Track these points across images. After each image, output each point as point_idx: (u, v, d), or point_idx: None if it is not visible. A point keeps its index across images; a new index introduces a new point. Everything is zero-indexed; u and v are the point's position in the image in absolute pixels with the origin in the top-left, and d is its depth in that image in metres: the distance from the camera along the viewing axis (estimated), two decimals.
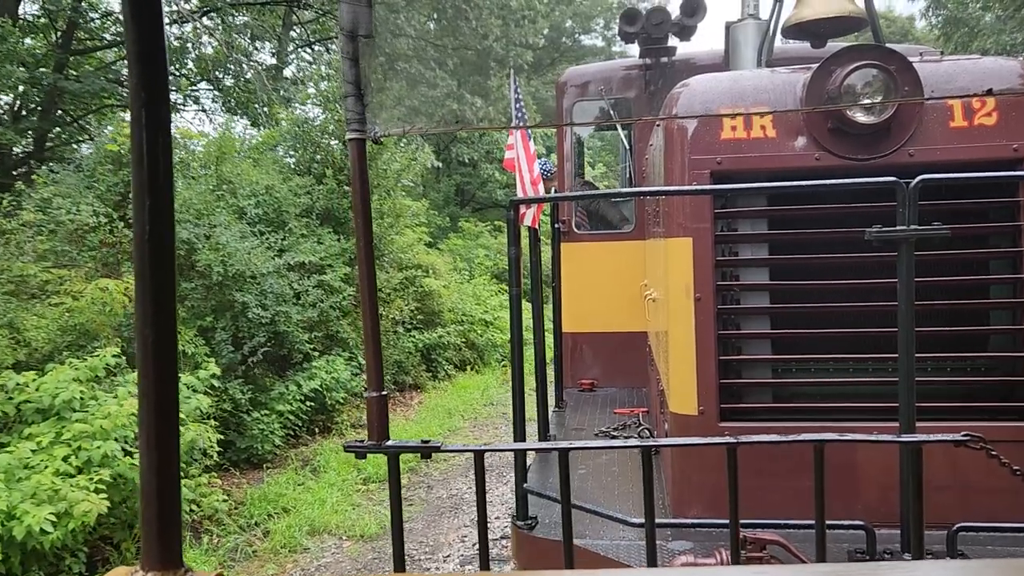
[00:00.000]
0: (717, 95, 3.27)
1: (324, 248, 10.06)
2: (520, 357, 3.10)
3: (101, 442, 5.57)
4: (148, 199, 1.04)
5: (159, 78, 1.04)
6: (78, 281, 7.49)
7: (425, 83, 20.01)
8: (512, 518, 3.33)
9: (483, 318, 14.31)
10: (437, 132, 15.95)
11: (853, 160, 3.06)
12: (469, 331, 14.12)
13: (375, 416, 2.40)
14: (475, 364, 13.98)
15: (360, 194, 2.38)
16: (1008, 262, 3.00)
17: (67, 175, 8.69)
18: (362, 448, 2.41)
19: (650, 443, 2.28)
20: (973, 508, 2.82)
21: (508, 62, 22.44)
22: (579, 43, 36.30)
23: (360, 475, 8.30)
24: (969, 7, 20.90)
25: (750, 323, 3.19)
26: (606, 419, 5.15)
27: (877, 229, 2.37)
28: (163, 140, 1.04)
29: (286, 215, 9.83)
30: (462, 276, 16.34)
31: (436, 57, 18.87)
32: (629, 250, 6.18)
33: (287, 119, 11.40)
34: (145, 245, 1.04)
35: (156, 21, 1.03)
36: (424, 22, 19.35)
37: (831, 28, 4.08)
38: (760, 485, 2.95)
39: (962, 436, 2.20)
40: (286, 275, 8.94)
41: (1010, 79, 3.05)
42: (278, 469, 8.57)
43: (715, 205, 3.14)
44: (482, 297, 15.59)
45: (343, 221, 11.18)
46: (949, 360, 3.02)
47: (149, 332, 1.05)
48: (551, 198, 5.55)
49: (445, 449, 2.34)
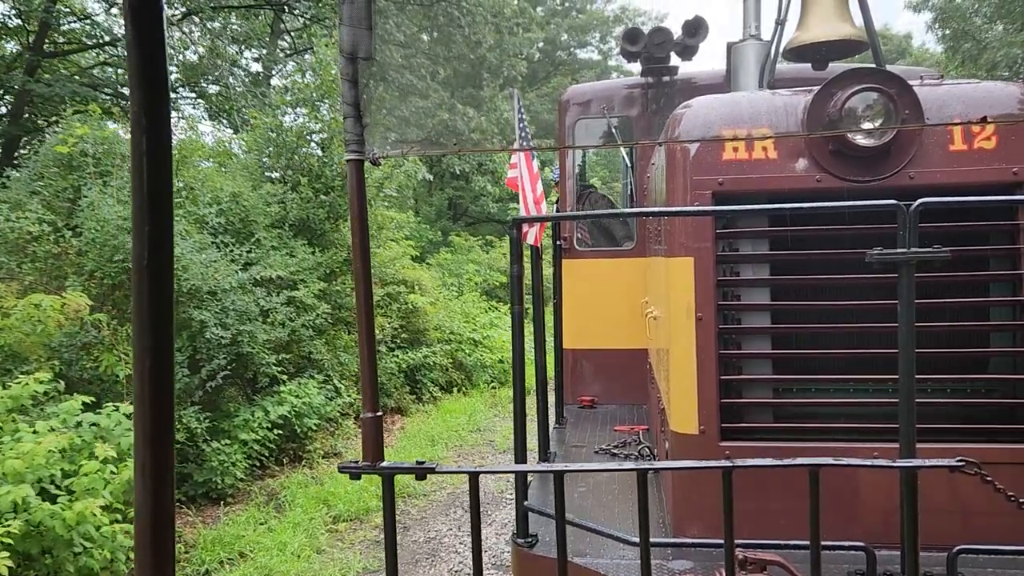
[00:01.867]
0: (719, 116, 3.38)
1: (296, 261, 9.17)
2: (522, 376, 3.16)
3: (11, 487, 4.64)
4: (148, 224, 1.07)
5: (161, 104, 1.07)
6: (10, 296, 6.56)
7: (416, 93, 19.20)
8: (512, 535, 3.35)
9: (472, 337, 13.56)
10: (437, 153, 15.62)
11: (854, 182, 3.17)
12: (457, 351, 13.71)
13: (370, 436, 2.44)
14: (462, 386, 13.25)
15: (358, 214, 2.45)
16: (1008, 285, 3.12)
17: (16, 180, 7.80)
18: (356, 469, 2.45)
19: (645, 466, 2.32)
20: (973, 530, 2.86)
21: (502, 72, 21.68)
22: (575, 56, 35.45)
23: (329, 512, 7.65)
24: (976, 19, 20.17)
25: (751, 343, 3.28)
26: (606, 436, 5.24)
27: (878, 251, 2.45)
28: (165, 166, 1.07)
29: (254, 225, 8.94)
30: (451, 292, 15.36)
31: (428, 66, 18.01)
32: (630, 267, 6.30)
33: (261, 123, 10.49)
34: (144, 271, 1.07)
35: (158, 48, 1.06)
36: (416, 32, 18.55)
37: (832, 51, 4.22)
38: (763, 505, 3.02)
39: (957, 462, 2.25)
40: (252, 291, 8.01)
41: (1009, 104, 3.15)
42: (240, 505, 8.08)
43: (717, 225, 3.24)
44: (471, 315, 14.83)
45: (320, 233, 10.34)
46: (949, 381, 3.12)
47: (147, 359, 1.07)
48: (554, 217, 5.74)
49: (440, 470, 2.39)
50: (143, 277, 1.06)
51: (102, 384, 7.48)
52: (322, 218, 10.72)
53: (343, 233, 10.57)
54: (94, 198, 7.73)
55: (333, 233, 10.71)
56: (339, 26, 2.33)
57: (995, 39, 20.65)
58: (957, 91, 3.19)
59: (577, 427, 5.59)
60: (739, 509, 2.35)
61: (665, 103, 6.28)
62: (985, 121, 3.05)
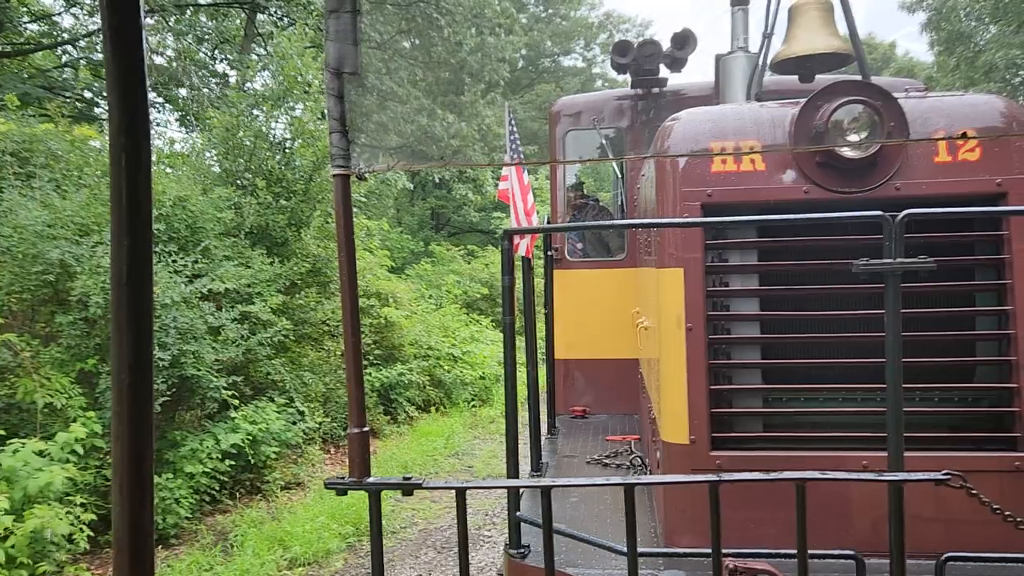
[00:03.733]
0: (707, 128, 3.48)
1: (252, 273, 8.18)
2: (514, 387, 3.19)
3: None
4: (127, 239, 1.08)
5: (140, 120, 1.09)
6: None
7: (394, 99, 18.29)
8: (505, 546, 3.36)
9: (451, 352, 12.48)
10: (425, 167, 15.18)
11: (841, 193, 3.27)
12: (435, 367, 13.25)
13: (356, 452, 2.45)
14: (440, 405, 12.47)
15: (344, 229, 2.45)
16: (993, 294, 3.25)
17: None
18: (343, 485, 2.46)
19: (632, 481, 2.40)
20: (961, 538, 2.93)
21: (483, 76, 20.80)
22: (559, 64, 34.80)
23: (284, 555, 7.28)
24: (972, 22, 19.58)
25: (741, 353, 3.38)
26: (598, 446, 5.34)
27: (864, 261, 2.53)
28: (143, 182, 1.10)
29: (203, 233, 7.91)
30: (430, 305, 14.35)
31: (406, 67, 17.12)
32: (621, 278, 6.42)
33: (218, 123, 9.51)
34: (124, 287, 1.09)
35: (138, 66, 1.07)
36: (393, 34, 17.67)
37: (819, 63, 4.35)
38: (753, 515, 3.10)
39: (943, 475, 2.34)
40: (199, 306, 7.01)
41: (992, 116, 3.28)
42: (184, 547, 7.43)
43: (706, 236, 3.35)
44: (451, 328, 13.93)
45: (280, 242, 9.34)
46: (936, 390, 3.24)
47: (126, 376, 1.10)
48: (544, 229, 5.87)
49: (427, 486, 2.41)
50: (122, 293, 1.09)
51: (20, 413, 6.48)
52: (282, 225, 9.71)
53: (305, 242, 9.60)
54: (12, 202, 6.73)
55: (296, 242, 9.71)
56: (325, 41, 2.39)
57: (992, 40, 20.01)
58: (941, 104, 3.34)
59: (569, 437, 5.68)
60: (729, 518, 2.46)
61: (655, 115, 6.48)
62: (964, 137, 3.19)
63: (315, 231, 9.75)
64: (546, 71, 38.13)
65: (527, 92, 35.51)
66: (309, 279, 10.52)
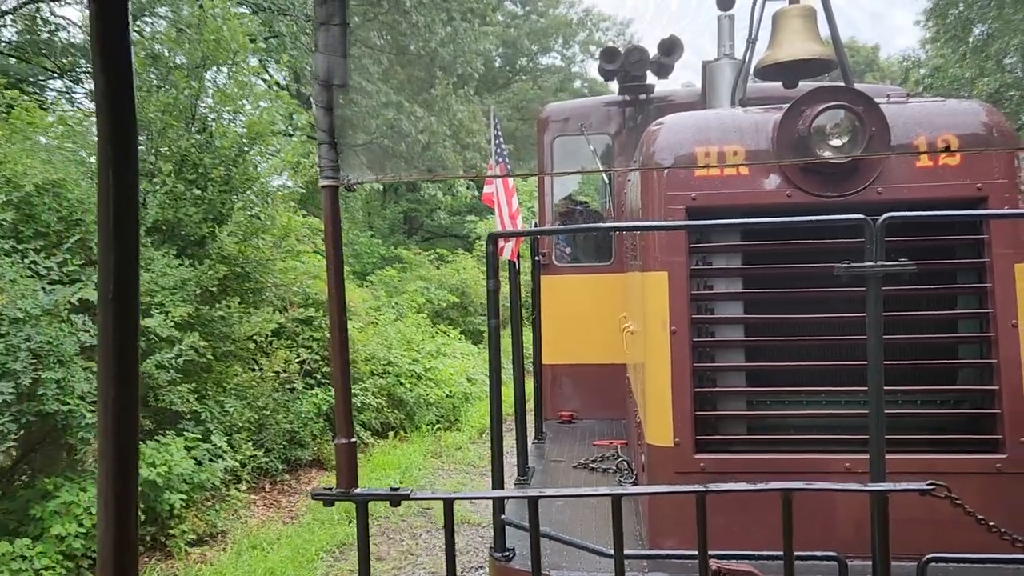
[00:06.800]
0: (691, 133, 3.65)
1: (150, 278, 6.30)
2: (498, 394, 3.30)
3: None
4: (114, 254, 1.10)
5: (128, 135, 1.12)
6: None
7: (360, 92, 16.54)
8: (490, 550, 3.45)
9: (412, 369, 10.65)
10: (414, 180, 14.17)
11: (823, 197, 3.44)
12: (394, 386, 11.95)
13: (343, 464, 2.53)
14: (400, 429, 11.48)
15: (332, 240, 2.51)
16: (974, 297, 3.48)
17: None
18: (330, 496, 2.54)
19: (619, 491, 2.52)
20: (944, 539, 3.03)
21: (455, 69, 19.08)
22: (537, 63, 33.32)
23: None
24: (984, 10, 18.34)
25: (725, 355, 3.59)
26: (585, 451, 5.40)
27: (846, 265, 2.66)
28: (132, 197, 1.12)
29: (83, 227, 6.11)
30: (390, 314, 12.53)
31: (370, 54, 15.41)
32: (608, 283, 6.48)
33: None
34: (110, 302, 1.10)
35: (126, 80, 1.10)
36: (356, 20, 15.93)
37: (802, 69, 4.54)
38: (738, 517, 3.25)
39: (927, 485, 2.51)
40: (69, 320, 5.17)
41: (972, 123, 3.47)
42: None
43: (690, 239, 3.54)
44: (415, 341, 12.12)
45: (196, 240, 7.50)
46: (919, 393, 3.46)
47: (111, 389, 1.13)
48: (529, 232, 6.08)
49: (415, 497, 2.53)
50: (109, 307, 1.11)
51: None
52: (198, 220, 7.86)
53: (222, 240, 7.75)
54: None
55: (214, 242, 7.87)
56: (314, 53, 2.47)
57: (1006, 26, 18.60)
58: (922, 109, 3.53)
59: (556, 442, 5.84)
60: (715, 521, 2.62)
61: (642, 120, 6.71)
62: (948, 150, 3.37)
63: (235, 227, 7.99)
64: (523, 70, 36.65)
65: (503, 91, 34.09)
66: (236, 286, 8.68)
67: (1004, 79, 21.39)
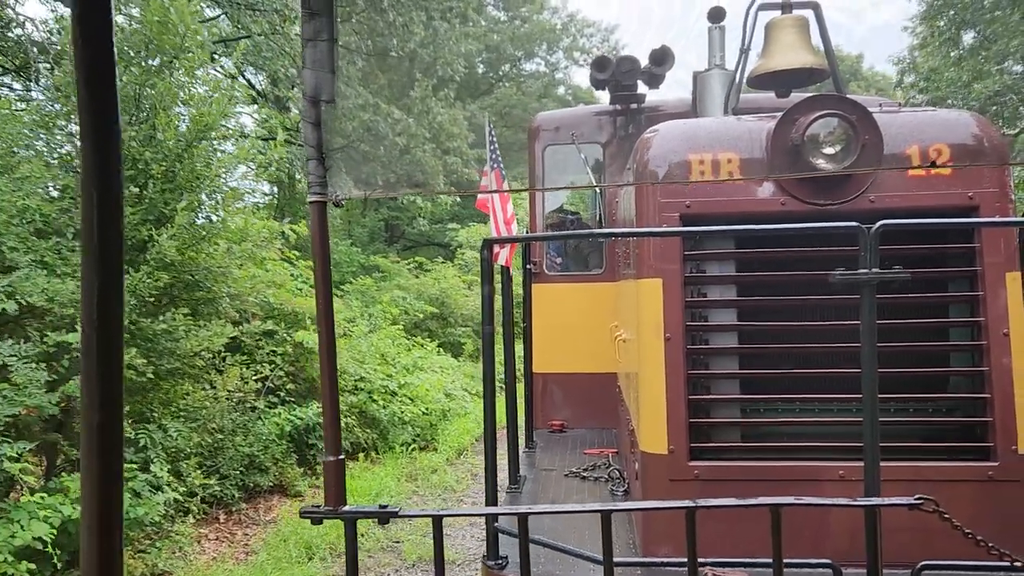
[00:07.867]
0: (685, 141, 3.67)
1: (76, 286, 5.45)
2: (492, 403, 3.28)
3: None
4: (98, 278, 1.08)
5: (111, 157, 1.09)
6: None
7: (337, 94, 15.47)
8: (483, 558, 3.44)
9: (385, 384, 9.82)
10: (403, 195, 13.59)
11: (817, 205, 3.48)
12: (366, 404, 11.16)
13: (332, 481, 2.54)
14: (372, 450, 10.31)
15: (320, 255, 2.55)
16: (966, 305, 3.52)
17: None
18: (318, 514, 2.55)
19: (610, 507, 2.56)
20: (937, 547, 3.05)
21: (435, 71, 18.26)
22: (520, 68, 32.67)
23: None
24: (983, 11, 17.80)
25: (719, 363, 3.61)
26: (576, 460, 5.39)
27: (840, 272, 2.70)
28: (116, 220, 1.10)
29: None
30: (364, 325, 11.68)
31: (343, 54, 14.58)
32: (599, 292, 6.45)
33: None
34: (94, 325, 1.09)
35: (111, 102, 1.09)
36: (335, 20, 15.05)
37: (795, 79, 4.63)
38: (731, 525, 3.27)
39: (916, 499, 2.54)
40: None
41: (964, 133, 3.52)
42: None
43: (685, 247, 3.59)
44: (390, 355, 11.26)
45: (137, 246, 6.79)
46: (911, 401, 3.50)
47: (96, 416, 1.11)
48: (524, 238, 5.89)
49: (403, 514, 2.56)
50: (92, 331, 1.10)
51: None
52: (134, 223, 6.95)
53: (162, 245, 6.83)
54: None
55: (154, 247, 6.96)
56: (302, 69, 2.48)
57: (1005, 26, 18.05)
58: (914, 119, 3.59)
59: (547, 451, 5.77)
60: (708, 528, 2.69)
61: (633, 130, 6.75)
62: (934, 166, 3.39)
63: (178, 230, 7.07)
64: (507, 76, 35.98)
65: (486, 97, 33.42)
66: (185, 296, 7.75)
67: (1003, 82, 20.99)
